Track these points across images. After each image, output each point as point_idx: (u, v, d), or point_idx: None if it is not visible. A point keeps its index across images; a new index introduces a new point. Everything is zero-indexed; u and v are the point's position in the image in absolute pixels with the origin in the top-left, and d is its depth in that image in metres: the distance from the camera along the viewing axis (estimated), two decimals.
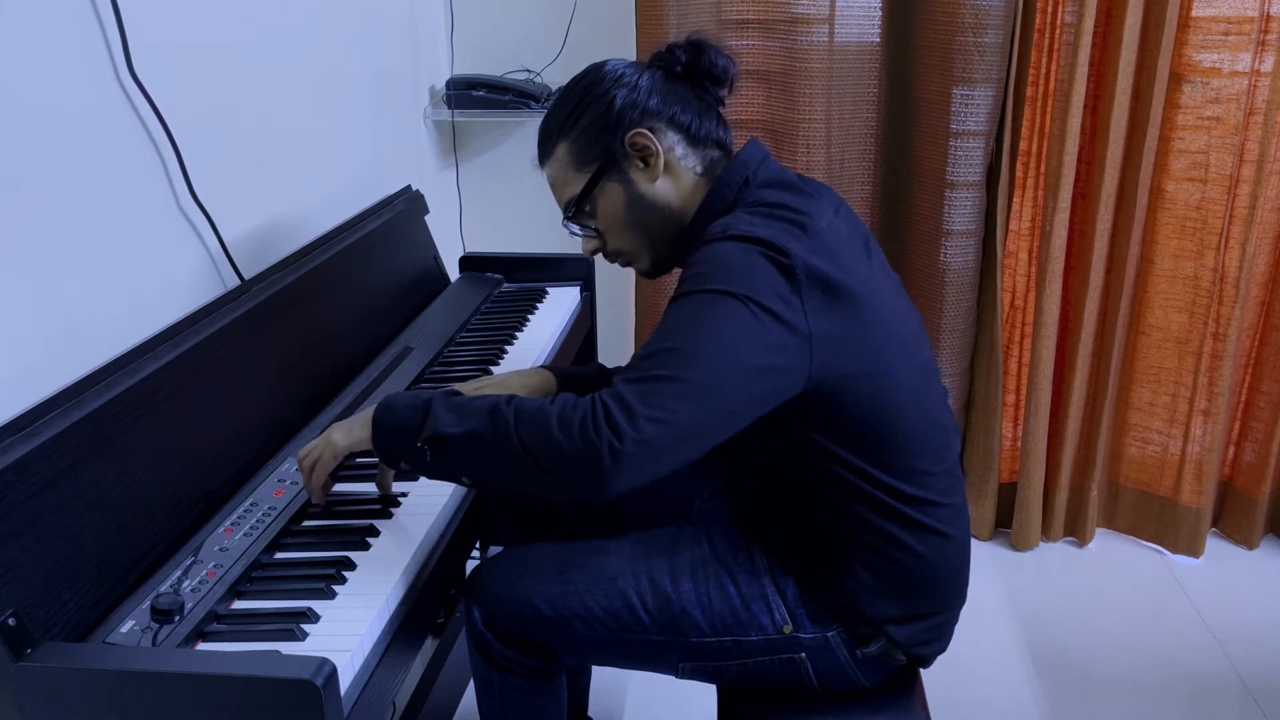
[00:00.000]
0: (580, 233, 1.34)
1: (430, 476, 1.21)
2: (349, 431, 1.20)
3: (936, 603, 1.30)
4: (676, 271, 1.30)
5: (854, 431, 1.21)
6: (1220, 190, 2.24)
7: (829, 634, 1.28)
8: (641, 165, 1.28)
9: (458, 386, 1.31)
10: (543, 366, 1.49)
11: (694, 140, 1.29)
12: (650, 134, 1.26)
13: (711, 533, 1.36)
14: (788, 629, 1.28)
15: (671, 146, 1.28)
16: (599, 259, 1.42)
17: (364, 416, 1.21)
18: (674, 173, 1.29)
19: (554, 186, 1.33)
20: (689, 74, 1.30)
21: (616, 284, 2.42)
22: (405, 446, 1.16)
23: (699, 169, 1.30)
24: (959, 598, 1.34)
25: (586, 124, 1.28)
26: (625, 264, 1.37)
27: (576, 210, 1.31)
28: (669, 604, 1.30)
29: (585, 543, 1.37)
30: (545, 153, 1.33)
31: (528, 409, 1.10)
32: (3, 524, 0.96)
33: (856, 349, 1.17)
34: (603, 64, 1.31)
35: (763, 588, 1.30)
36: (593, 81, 1.29)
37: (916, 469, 1.24)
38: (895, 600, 1.27)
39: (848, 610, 1.28)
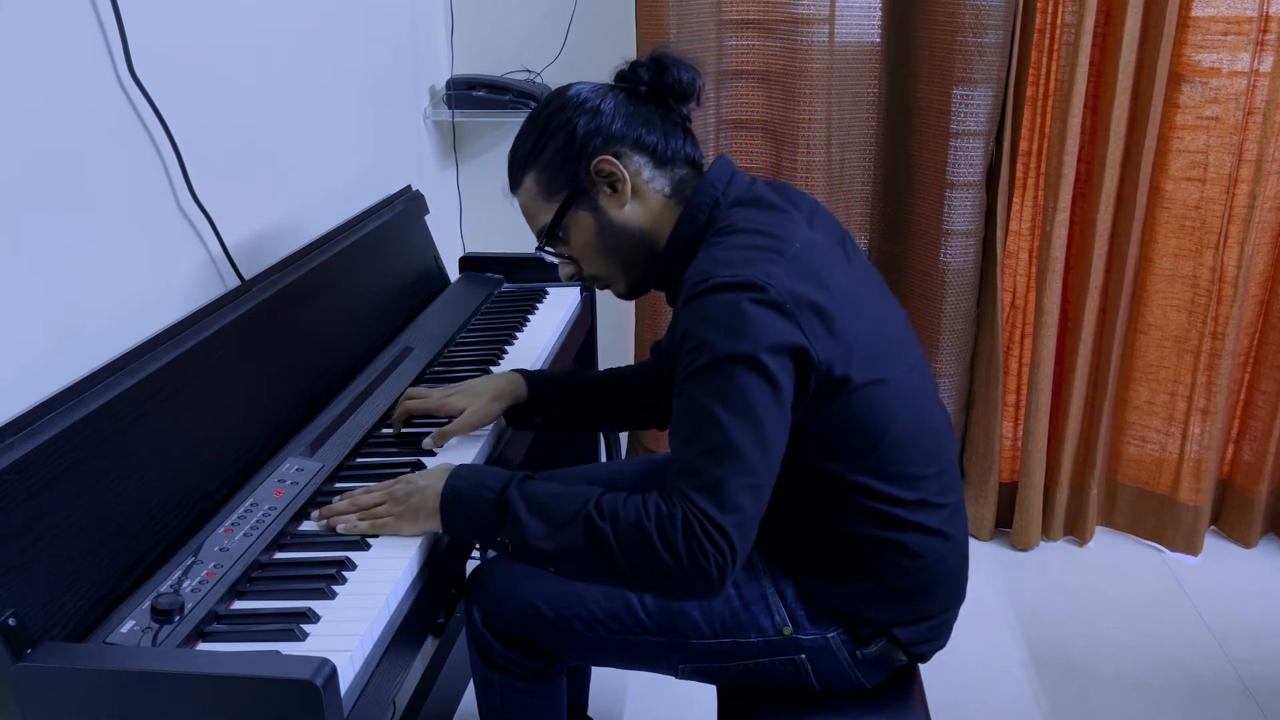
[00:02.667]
0: (555, 260, 1.34)
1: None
2: (414, 522, 1.19)
3: (936, 603, 1.31)
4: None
5: (847, 442, 1.21)
6: (1219, 190, 2.24)
7: (829, 635, 1.28)
8: (609, 191, 1.26)
9: (421, 394, 1.42)
10: (513, 370, 1.50)
11: (661, 161, 1.28)
12: (615, 160, 1.24)
13: None
14: (788, 630, 1.29)
15: (639, 170, 1.27)
16: None
17: (429, 503, 1.18)
18: (642, 196, 1.27)
19: (526, 215, 1.33)
20: (653, 93, 1.29)
21: None
22: (483, 538, 1.19)
23: (668, 190, 1.28)
24: (959, 596, 1.34)
25: (551, 154, 1.26)
26: (602, 287, 1.36)
27: (549, 238, 1.30)
28: (669, 605, 1.30)
29: None
30: (515, 183, 1.32)
31: (624, 523, 1.10)
32: (3, 524, 0.96)
33: (852, 363, 1.17)
34: (566, 89, 1.30)
35: (762, 589, 1.30)
36: (556, 110, 1.27)
37: (910, 473, 1.24)
38: (895, 604, 1.27)
39: (848, 613, 1.28)
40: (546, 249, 1.32)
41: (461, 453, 1.39)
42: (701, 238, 1.24)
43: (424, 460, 1.36)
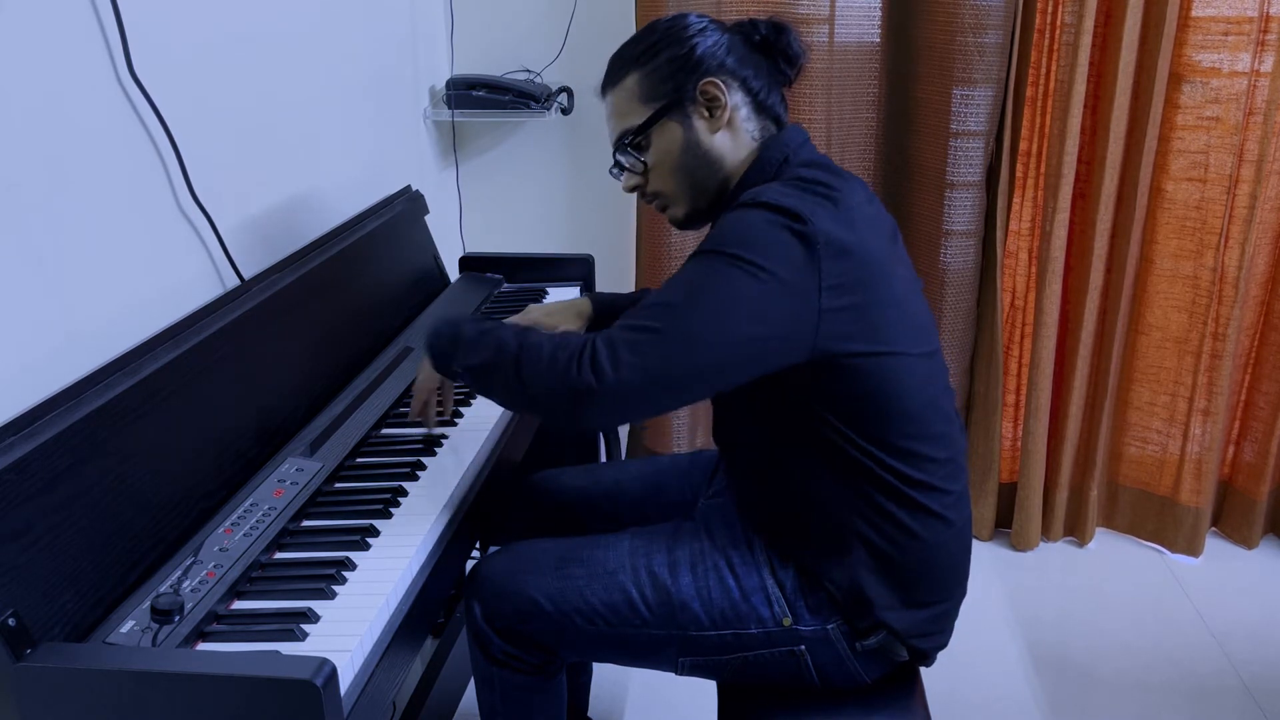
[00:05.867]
0: (627, 165, 1.36)
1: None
2: (421, 362, 1.38)
3: (936, 590, 1.31)
4: (686, 250, 1.31)
5: (857, 407, 1.22)
6: (1220, 190, 2.24)
7: (829, 626, 1.29)
8: (706, 114, 1.30)
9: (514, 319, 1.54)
10: (584, 296, 1.64)
11: (758, 107, 1.33)
12: (722, 86, 1.29)
13: (711, 527, 1.36)
14: (787, 621, 1.29)
15: (738, 105, 1.31)
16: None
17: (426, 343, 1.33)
18: (734, 130, 1.31)
19: (612, 115, 1.36)
20: (765, 47, 1.34)
21: (617, 285, 2.42)
22: (450, 370, 1.29)
23: (756, 135, 1.33)
24: (959, 588, 1.35)
25: (663, 61, 1.30)
26: (661, 208, 1.39)
27: (632, 141, 1.33)
28: (669, 597, 1.30)
29: (585, 538, 1.38)
30: (614, 80, 1.34)
31: (531, 342, 1.19)
32: (3, 524, 0.96)
33: (867, 324, 1.19)
34: (687, 14, 1.34)
35: (762, 580, 1.30)
36: (679, 25, 1.32)
37: (918, 452, 1.25)
38: (895, 583, 1.27)
39: (848, 595, 1.28)
40: (624, 151, 1.35)
41: (465, 448, 1.39)
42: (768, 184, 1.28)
43: (423, 460, 1.36)
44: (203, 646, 1.01)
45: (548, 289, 2.00)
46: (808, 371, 1.19)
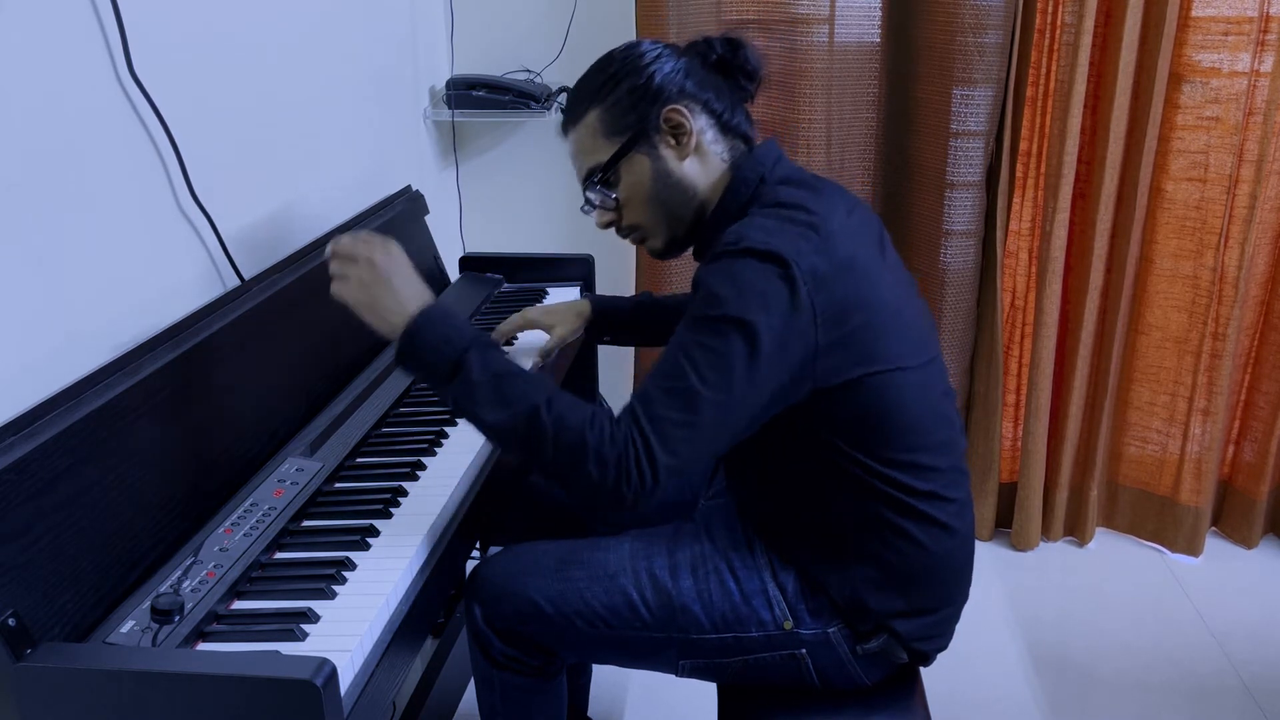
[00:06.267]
0: (598, 203, 1.34)
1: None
2: (372, 317, 1.21)
3: (939, 597, 1.31)
4: (678, 267, 1.31)
5: (859, 426, 1.22)
6: (1220, 190, 2.24)
7: (829, 630, 1.29)
8: (673, 142, 1.29)
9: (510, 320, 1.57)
10: (584, 298, 1.65)
11: (724, 128, 1.31)
12: (686, 112, 1.27)
13: (712, 529, 1.36)
14: (788, 624, 1.29)
15: (703, 129, 1.30)
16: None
17: (392, 320, 1.20)
18: (702, 154, 1.30)
19: (577, 154, 1.34)
20: (722, 66, 1.33)
21: (617, 285, 2.42)
22: (429, 382, 1.20)
23: (725, 156, 1.31)
24: (961, 594, 1.35)
25: (623, 93, 1.28)
26: (638, 241, 1.37)
27: (601, 178, 1.31)
28: (669, 600, 1.30)
29: (586, 540, 1.38)
30: (574, 118, 1.33)
31: (568, 427, 1.13)
32: (3, 524, 0.96)
33: (866, 349, 1.18)
34: (640, 42, 1.33)
35: (763, 583, 1.30)
36: (634, 55, 1.30)
37: (920, 463, 1.25)
38: (898, 594, 1.27)
39: (850, 604, 1.28)
40: (594, 189, 1.33)
41: (465, 448, 1.39)
42: (745, 209, 1.27)
43: (423, 460, 1.36)
44: (203, 646, 1.01)
45: (548, 289, 2.00)
46: (811, 400, 1.19)
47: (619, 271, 2.40)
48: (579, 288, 2.02)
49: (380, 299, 1.21)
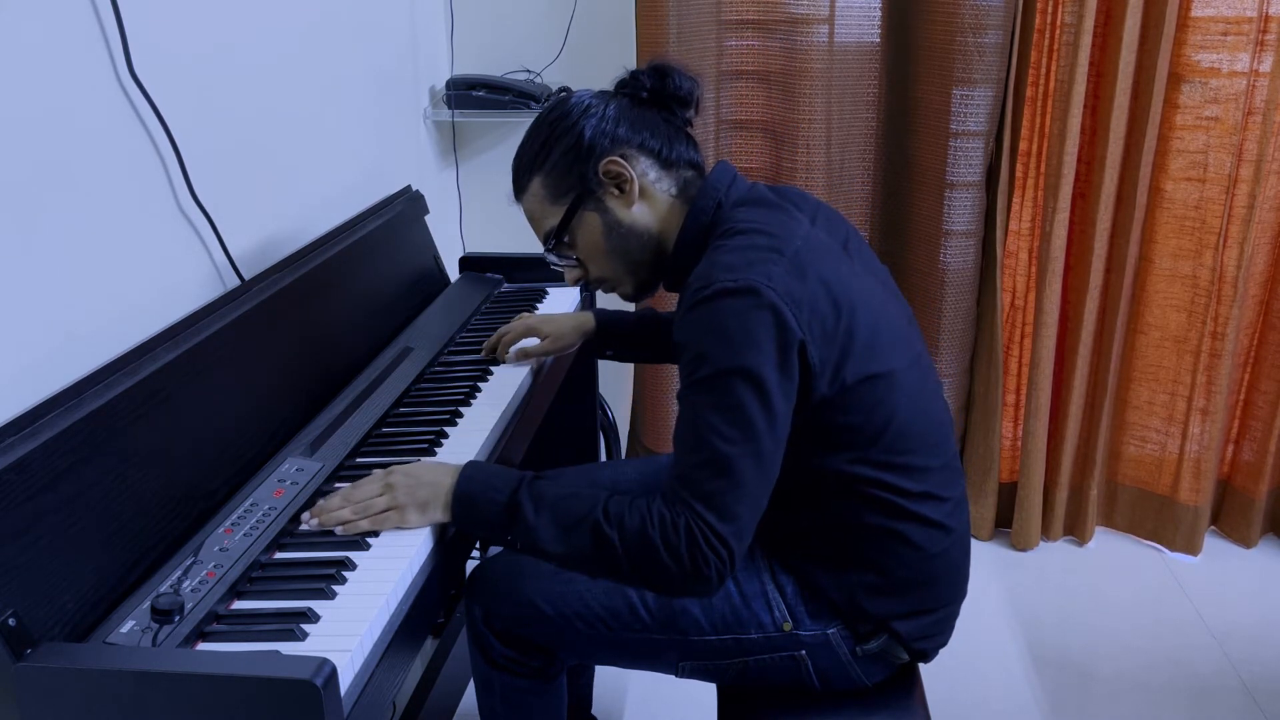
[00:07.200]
0: (561, 264, 1.35)
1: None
2: (423, 514, 1.20)
3: (938, 597, 1.31)
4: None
5: (853, 434, 1.22)
6: (1219, 190, 2.24)
7: (829, 631, 1.29)
8: (617, 192, 1.28)
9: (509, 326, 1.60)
10: (589, 310, 1.66)
11: (666, 164, 1.30)
12: (623, 161, 1.27)
13: None
14: (788, 626, 1.29)
15: (645, 172, 1.29)
16: None
17: (441, 496, 1.20)
18: (649, 197, 1.30)
19: (531, 220, 1.34)
20: (654, 99, 1.32)
21: None
22: (493, 538, 1.21)
23: (673, 191, 1.31)
24: (960, 592, 1.35)
25: (558, 157, 1.28)
26: (609, 290, 1.38)
27: (556, 242, 1.32)
28: (669, 602, 1.30)
29: None
30: (520, 188, 1.34)
31: (630, 530, 1.14)
32: (3, 524, 0.96)
33: (855, 359, 1.18)
34: (567, 97, 1.32)
35: (763, 585, 1.30)
36: (560, 115, 1.30)
37: (914, 465, 1.25)
38: (897, 596, 1.27)
39: (849, 607, 1.28)
40: (554, 253, 1.33)
41: (464, 448, 1.39)
42: (706, 238, 1.26)
43: (423, 460, 1.36)
44: (203, 646, 1.01)
45: (548, 289, 2.00)
46: (810, 410, 1.19)
47: None
48: (578, 288, 2.02)
49: (418, 492, 1.20)
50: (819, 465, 1.23)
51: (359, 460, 1.37)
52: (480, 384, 1.58)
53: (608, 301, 2.32)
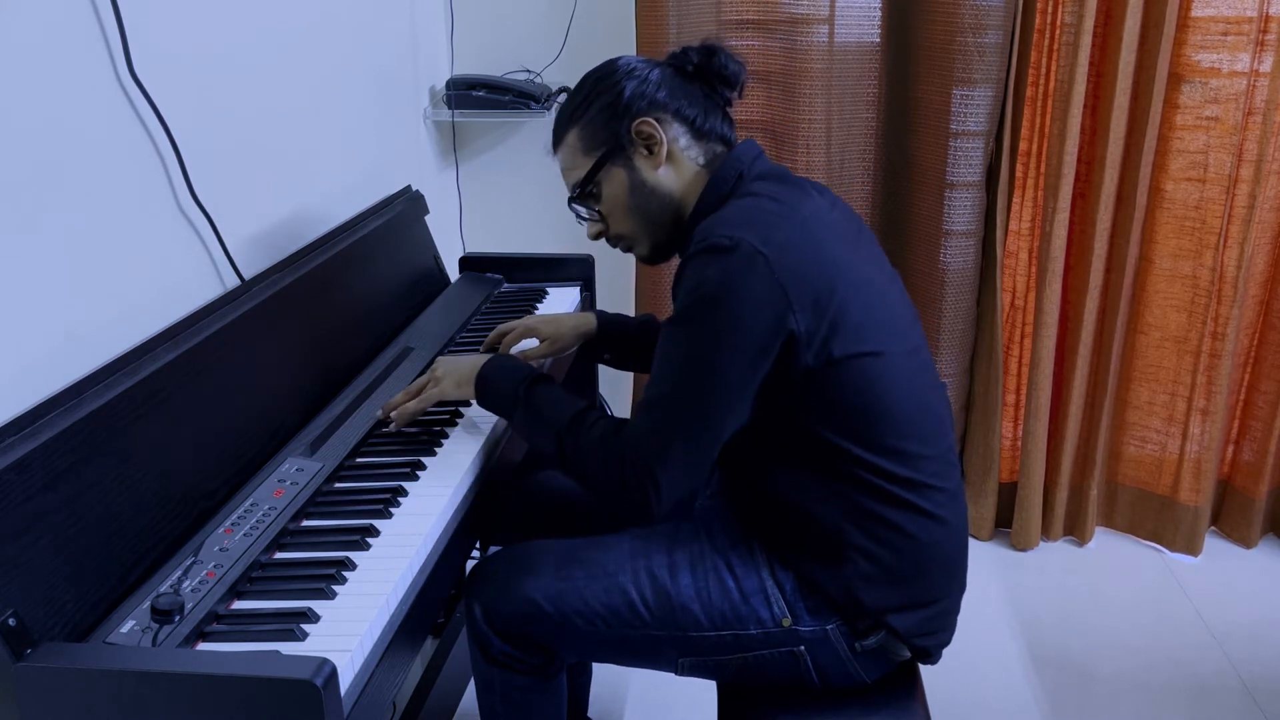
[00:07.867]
0: (585, 215, 1.40)
1: None
2: (458, 385, 1.41)
3: (933, 589, 1.31)
4: (674, 266, 1.32)
5: (845, 411, 1.23)
6: (1219, 190, 2.24)
7: (828, 627, 1.29)
8: (646, 153, 1.33)
9: (509, 325, 1.64)
10: (591, 312, 1.68)
11: (698, 134, 1.35)
12: (655, 123, 1.31)
13: (710, 528, 1.37)
14: (787, 622, 1.29)
15: (676, 137, 1.33)
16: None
17: (468, 376, 1.40)
18: (676, 162, 1.34)
19: (564, 171, 1.40)
20: (700, 74, 1.36)
21: (616, 285, 2.42)
22: (501, 414, 1.39)
23: (701, 160, 1.35)
24: (958, 585, 1.35)
25: (596, 112, 1.34)
26: (626, 249, 1.43)
27: (582, 192, 1.37)
28: (668, 599, 1.30)
29: (585, 539, 1.38)
30: (557, 139, 1.39)
31: (585, 449, 1.26)
32: (3, 524, 0.96)
33: (845, 332, 1.20)
34: (617, 59, 1.38)
35: (761, 581, 1.30)
36: (606, 73, 1.36)
37: (907, 451, 1.25)
38: (892, 587, 1.27)
39: (846, 600, 1.28)
40: (578, 203, 1.39)
41: (465, 448, 1.39)
42: (723, 206, 1.30)
43: (423, 460, 1.36)
44: (203, 646, 1.01)
45: (547, 289, 2.00)
46: (796, 381, 1.21)
47: (618, 272, 2.40)
48: (578, 288, 2.02)
49: (456, 373, 1.42)
50: (813, 441, 1.25)
51: (359, 460, 1.37)
52: None
53: (608, 303, 2.32)
